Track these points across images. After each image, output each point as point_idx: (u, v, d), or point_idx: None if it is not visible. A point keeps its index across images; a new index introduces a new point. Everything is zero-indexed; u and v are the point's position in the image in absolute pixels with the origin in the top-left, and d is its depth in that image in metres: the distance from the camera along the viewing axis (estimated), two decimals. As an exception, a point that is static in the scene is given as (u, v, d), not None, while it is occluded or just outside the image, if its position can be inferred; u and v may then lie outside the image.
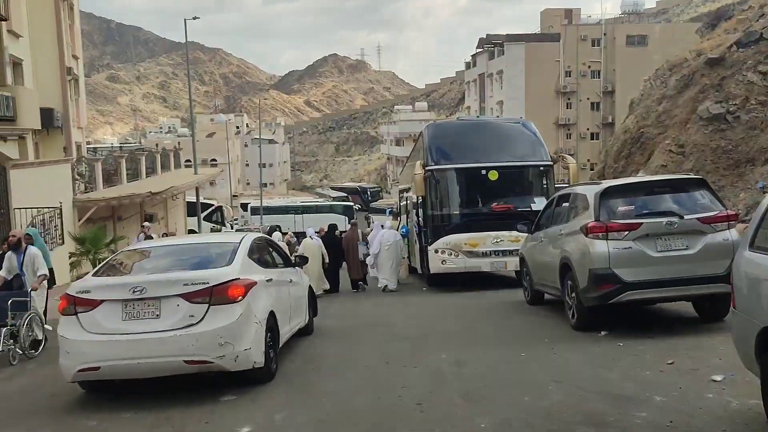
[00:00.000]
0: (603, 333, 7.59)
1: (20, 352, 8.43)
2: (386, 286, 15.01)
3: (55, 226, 19.07)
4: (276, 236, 18.70)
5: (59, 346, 6.16)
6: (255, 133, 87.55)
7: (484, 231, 13.55)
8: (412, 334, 8.68)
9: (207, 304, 5.92)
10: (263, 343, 6.32)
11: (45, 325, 9.23)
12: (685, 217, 7.36)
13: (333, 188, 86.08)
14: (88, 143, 59.19)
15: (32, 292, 8.95)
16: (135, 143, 75.70)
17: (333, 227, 17.44)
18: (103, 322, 5.90)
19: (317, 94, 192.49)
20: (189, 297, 5.92)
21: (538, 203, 13.71)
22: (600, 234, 7.42)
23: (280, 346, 7.11)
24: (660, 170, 16.27)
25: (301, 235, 35.08)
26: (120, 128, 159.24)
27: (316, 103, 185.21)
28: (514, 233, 13.28)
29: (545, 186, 14.07)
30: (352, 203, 61.31)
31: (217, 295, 5.96)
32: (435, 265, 13.89)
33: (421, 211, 14.75)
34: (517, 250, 13.16)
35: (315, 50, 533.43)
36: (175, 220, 37.60)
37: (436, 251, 13.75)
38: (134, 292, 5.92)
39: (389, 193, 77.78)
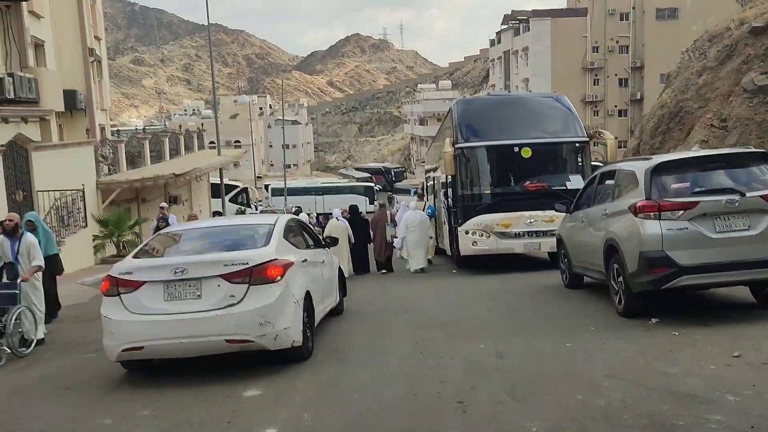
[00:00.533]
0: (653, 321, 7.00)
1: (7, 350, 7.76)
2: (416, 267, 14.84)
3: (78, 209, 18.84)
4: (302, 217, 18.50)
5: (103, 327, 6.29)
6: (278, 115, 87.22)
7: (517, 211, 12.96)
8: (445, 320, 8.18)
9: (247, 284, 6.03)
10: (301, 322, 6.46)
11: (41, 323, 8.62)
12: (747, 194, 6.71)
13: (357, 169, 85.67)
14: (114, 126, 59.46)
15: (23, 283, 8.23)
16: (160, 126, 75.90)
17: (355, 208, 16.95)
18: (145, 302, 6.04)
19: (340, 74, 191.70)
20: (229, 277, 6.02)
21: (574, 181, 13.11)
22: (651, 214, 6.81)
23: (315, 325, 7.21)
24: (701, 146, 15.47)
25: (322, 216, 34.62)
26: (145, 111, 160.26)
27: (338, 84, 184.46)
28: (549, 213, 12.70)
29: (581, 163, 13.42)
30: (373, 184, 60.80)
31: (256, 276, 6.08)
32: (465, 247, 13.34)
33: (450, 190, 14.18)
34: (552, 230, 12.63)
35: (337, 30, 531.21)
36: (199, 201, 37.47)
37: (467, 232, 13.20)
38: (176, 273, 6.03)
39: (413, 174, 77.27)
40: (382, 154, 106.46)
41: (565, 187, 13.07)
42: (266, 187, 59.68)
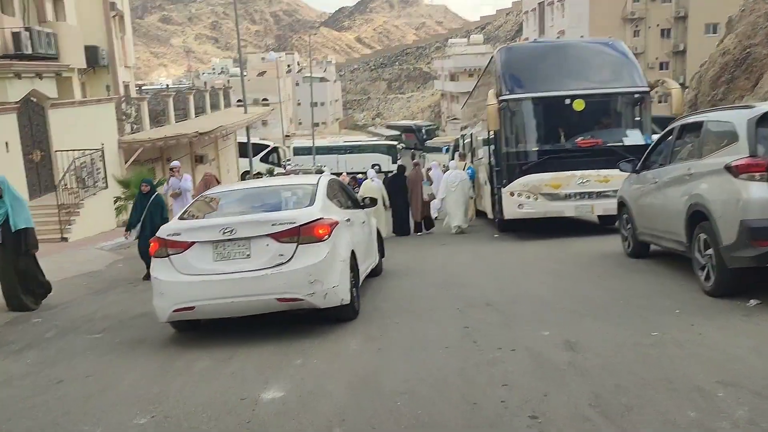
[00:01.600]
0: (753, 302, 5.82)
1: None
2: (458, 227, 14.64)
3: (97, 169, 18.01)
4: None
5: (153, 288, 6.26)
6: (306, 72, 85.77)
7: (568, 170, 11.73)
8: (496, 299, 7.07)
9: (296, 243, 6.01)
10: (348, 280, 6.46)
11: None
12: None
13: (388, 126, 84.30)
14: (143, 85, 58.73)
15: None
16: (189, 84, 75.05)
17: (402, 168, 16.32)
18: (194, 263, 6.01)
19: (368, 30, 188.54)
20: (278, 236, 6.01)
21: (632, 137, 11.85)
22: (757, 174, 5.58)
23: (360, 284, 7.16)
24: (772, 97, 13.93)
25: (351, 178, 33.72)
26: (174, 70, 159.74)
27: (367, 40, 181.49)
28: (603, 172, 11.51)
29: (640, 117, 12.07)
30: (395, 143, 59.67)
31: (304, 234, 6.06)
32: (510, 210, 12.17)
33: (492, 148, 12.96)
34: (606, 191, 11.46)
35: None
36: (227, 161, 36.64)
37: (512, 194, 12.01)
38: (224, 233, 6.00)
39: (444, 131, 75.64)
40: (412, 111, 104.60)
41: (622, 144, 11.82)
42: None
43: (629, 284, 7.26)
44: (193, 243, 6.08)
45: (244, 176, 32.92)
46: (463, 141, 20.86)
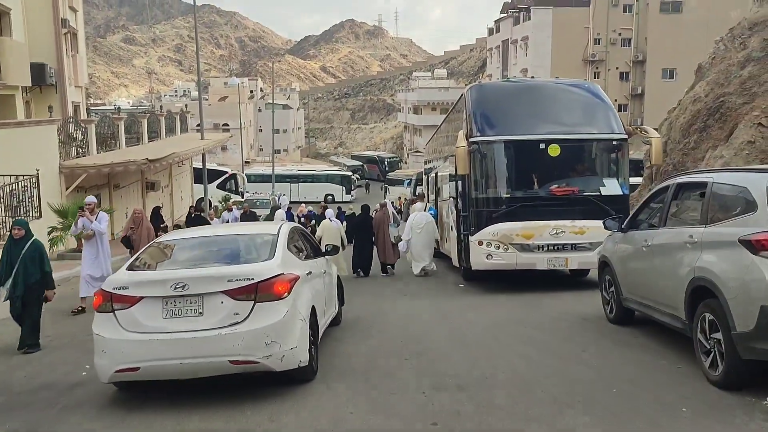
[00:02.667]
0: (771, 401, 4.95)
1: None
2: (419, 270, 14.30)
3: (29, 197, 16.56)
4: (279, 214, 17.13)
5: (94, 345, 5.83)
6: (269, 98, 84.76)
7: (541, 219, 10.91)
8: (467, 377, 6.09)
9: (252, 301, 5.66)
10: (307, 340, 6.11)
11: None
12: None
13: (352, 156, 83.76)
14: (101, 105, 56.82)
15: None
16: (149, 106, 73.23)
17: (366, 207, 15.93)
18: (142, 320, 5.63)
19: (333, 59, 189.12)
20: (233, 294, 5.65)
21: (609, 186, 11.12)
22: (782, 252, 4.74)
23: (319, 340, 6.82)
24: (747, 147, 13.45)
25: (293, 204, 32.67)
26: (135, 91, 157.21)
27: (331, 69, 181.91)
28: (579, 223, 10.72)
29: (617, 165, 11.35)
30: (350, 173, 59.14)
31: (262, 292, 5.70)
32: (478, 260, 11.26)
33: (461, 192, 12.07)
34: (582, 244, 10.67)
35: (331, 15, 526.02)
36: (181, 188, 35.22)
37: (480, 243, 11.12)
38: (176, 288, 5.62)
39: (406, 164, 75.28)
40: (375, 142, 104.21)
41: (598, 193, 11.07)
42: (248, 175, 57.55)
43: (619, 363, 6.33)
44: (141, 298, 5.67)
45: (199, 203, 31.51)
46: (427, 178, 20.02)
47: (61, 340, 8.90)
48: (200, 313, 5.62)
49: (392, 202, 20.77)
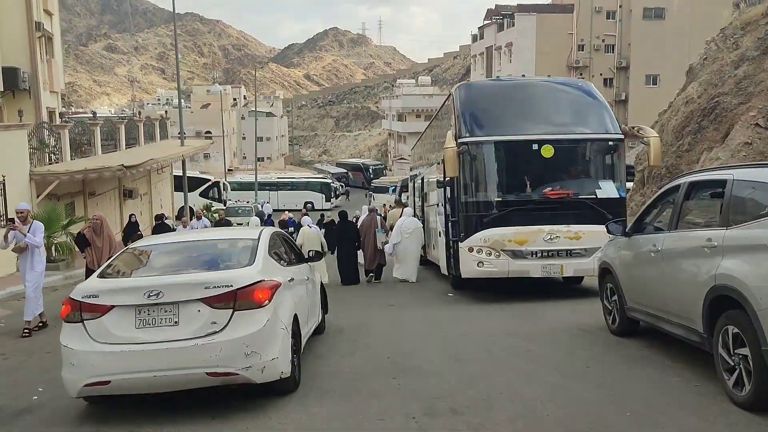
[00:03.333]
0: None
1: None
2: (404, 277, 14.09)
3: (-5, 205, 15.77)
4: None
5: (62, 358, 5.45)
6: (253, 106, 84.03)
7: (535, 224, 10.33)
8: (462, 398, 5.46)
9: (231, 310, 5.36)
10: (289, 350, 5.80)
11: None
12: None
13: (337, 164, 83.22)
14: (82, 113, 55.55)
15: None
16: (131, 114, 72.14)
17: (344, 214, 15.85)
18: (113, 330, 5.30)
19: (317, 68, 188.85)
20: (211, 302, 5.34)
21: (605, 189, 10.57)
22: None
23: (302, 350, 6.51)
24: (744, 148, 13.01)
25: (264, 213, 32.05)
26: (117, 99, 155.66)
27: (315, 77, 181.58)
28: (574, 228, 10.17)
29: (614, 166, 10.80)
30: (329, 181, 58.69)
31: (242, 300, 5.40)
32: (468, 268, 10.65)
33: (449, 196, 11.48)
34: (577, 250, 10.11)
35: (315, 23, 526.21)
36: (161, 196, 34.37)
37: (471, 250, 10.51)
38: (149, 296, 5.32)
39: (391, 171, 74.93)
40: (359, 150, 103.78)
41: (594, 196, 10.51)
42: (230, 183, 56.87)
43: (628, 381, 5.73)
44: (112, 307, 5.32)
45: (180, 213, 30.64)
46: (413, 183, 19.42)
47: (17, 358, 8.18)
48: (175, 322, 5.29)
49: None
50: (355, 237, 14.80)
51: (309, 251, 8.43)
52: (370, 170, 72.14)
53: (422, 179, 16.78)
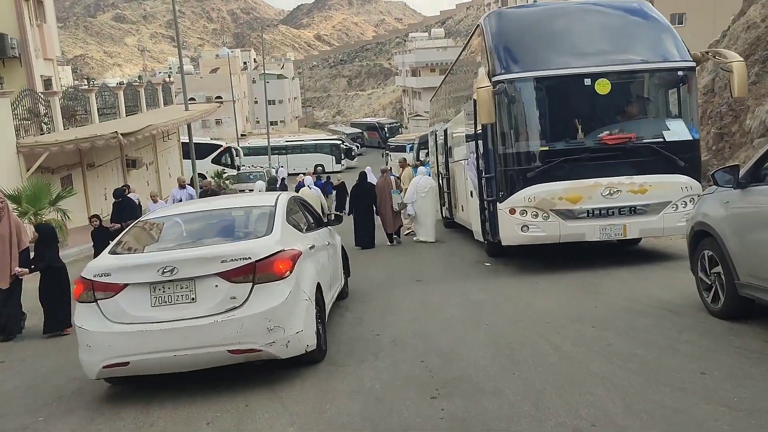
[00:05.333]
0: None
1: None
2: (424, 239, 13.57)
3: (-28, 181, 14.20)
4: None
5: (78, 339, 5.25)
6: (263, 69, 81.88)
7: (590, 177, 8.48)
8: (520, 413, 3.76)
9: (251, 283, 5.07)
10: (314, 321, 5.48)
11: None
12: None
13: (352, 124, 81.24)
14: (91, 81, 53.93)
15: None
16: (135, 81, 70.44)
17: (363, 175, 14.87)
18: (128, 309, 5.06)
19: (327, 27, 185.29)
20: (229, 276, 5.05)
21: (675, 130, 8.64)
22: None
23: (326, 318, 6.15)
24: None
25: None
26: (129, 70, 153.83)
27: (326, 37, 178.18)
28: (638, 179, 8.34)
29: (684, 101, 8.87)
30: (339, 141, 56.89)
31: (261, 272, 5.10)
32: (509, 234, 8.86)
33: (483, 148, 9.62)
34: (643, 206, 8.28)
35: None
36: (168, 164, 32.81)
37: (512, 211, 8.69)
38: (164, 273, 5.03)
39: (407, 128, 72.86)
40: (373, 108, 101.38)
41: (662, 140, 8.62)
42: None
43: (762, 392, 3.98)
44: (126, 285, 5.12)
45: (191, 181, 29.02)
46: (435, 138, 17.51)
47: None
48: (192, 299, 5.06)
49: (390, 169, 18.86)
50: (373, 199, 13.92)
51: (329, 214, 7.97)
52: (386, 129, 69.93)
53: (445, 132, 14.89)
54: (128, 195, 15.37)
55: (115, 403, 5.29)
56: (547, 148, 8.60)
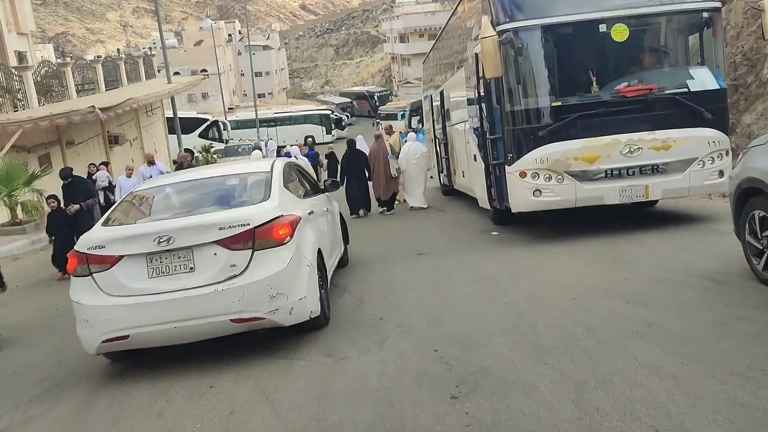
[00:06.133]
0: None
1: None
2: (416, 204, 13.34)
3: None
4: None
5: (75, 314, 5.09)
6: (249, 41, 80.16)
7: (608, 134, 7.68)
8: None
9: (251, 250, 4.94)
10: (317, 287, 5.39)
11: None
12: None
13: (341, 94, 79.97)
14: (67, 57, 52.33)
15: None
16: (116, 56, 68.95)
17: (352, 142, 14.16)
18: (125, 282, 4.94)
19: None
20: (227, 243, 4.93)
21: (700, 79, 7.85)
22: None
23: (329, 285, 6.05)
24: None
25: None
26: (112, 46, 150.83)
27: (311, 6, 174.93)
28: (661, 134, 7.57)
29: (709, 47, 8.03)
30: (329, 112, 55.89)
31: (261, 238, 4.98)
32: (520, 199, 8.07)
33: (488, 106, 8.77)
34: (665, 164, 7.53)
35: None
36: (153, 140, 31.75)
37: (523, 175, 7.89)
38: (160, 242, 4.90)
39: (397, 96, 71.74)
40: (362, 77, 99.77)
41: (686, 90, 7.79)
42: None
43: None
44: (122, 257, 4.95)
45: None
46: (430, 101, 16.62)
47: None
48: (191, 268, 4.94)
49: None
50: (365, 166, 13.41)
51: (326, 181, 7.96)
52: (375, 97, 68.72)
53: (441, 94, 14.01)
54: (99, 173, 14.56)
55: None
56: (559, 104, 7.76)
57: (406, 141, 14.11)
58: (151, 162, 15.86)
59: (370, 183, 13.56)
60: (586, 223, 8.59)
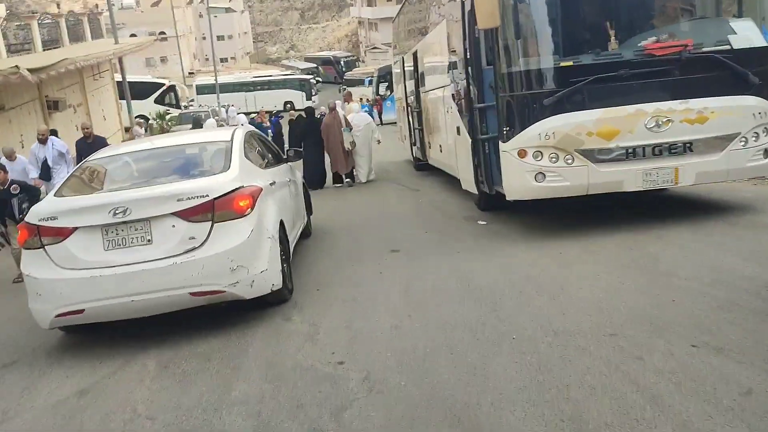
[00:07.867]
0: None
1: None
2: (364, 179, 13.02)
3: None
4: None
5: (27, 288, 5.00)
6: (210, 4, 76.87)
7: (630, 102, 6.08)
8: None
9: (210, 222, 4.86)
10: (278, 259, 5.30)
11: None
12: None
13: (306, 59, 77.60)
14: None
15: None
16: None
17: (310, 110, 13.81)
18: (79, 254, 4.81)
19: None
20: (186, 215, 4.84)
21: (743, 34, 6.28)
22: None
23: (291, 257, 5.94)
24: None
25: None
26: (68, 6, 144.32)
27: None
28: (696, 103, 5.99)
29: (752, -3, 6.46)
30: (310, 76, 54.02)
31: (221, 210, 4.90)
32: (519, 185, 6.45)
33: (476, 67, 7.08)
34: (700, 141, 5.97)
35: None
36: (102, 106, 29.35)
37: (522, 153, 6.26)
38: (115, 214, 4.79)
39: (364, 62, 69.80)
40: (328, 42, 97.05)
41: (727, 47, 6.20)
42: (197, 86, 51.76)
43: None
44: (75, 228, 4.82)
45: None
46: (402, 67, 14.84)
47: None
48: (149, 240, 4.78)
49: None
50: (320, 136, 12.86)
51: (288, 150, 7.96)
52: (342, 63, 66.59)
53: (415, 56, 12.27)
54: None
55: None
56: (570, 64, 6.12)
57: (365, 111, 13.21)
58: (43, 139, 10.61)
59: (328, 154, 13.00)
60: (590, 208, 7.05)
